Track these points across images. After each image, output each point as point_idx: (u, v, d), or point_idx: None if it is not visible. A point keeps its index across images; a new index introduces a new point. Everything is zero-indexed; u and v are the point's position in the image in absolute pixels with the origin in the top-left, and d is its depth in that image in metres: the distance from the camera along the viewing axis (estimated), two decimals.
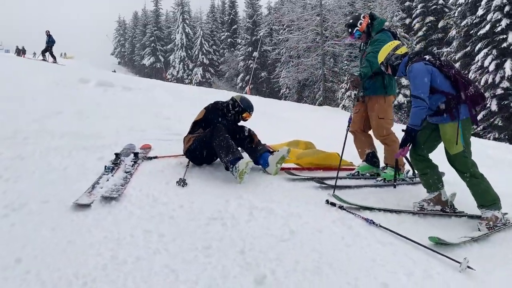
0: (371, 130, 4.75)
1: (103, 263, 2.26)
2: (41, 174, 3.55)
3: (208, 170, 4.16)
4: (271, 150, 4.52)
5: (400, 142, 3.67)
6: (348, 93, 25.61)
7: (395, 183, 4.26)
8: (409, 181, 4.63)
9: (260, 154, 4.36)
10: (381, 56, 3.82)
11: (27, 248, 2.34)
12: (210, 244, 2.60)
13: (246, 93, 29.63)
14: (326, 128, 10.15)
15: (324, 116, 14.11)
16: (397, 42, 3.86)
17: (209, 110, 4.43)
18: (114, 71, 38.69)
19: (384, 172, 4.61)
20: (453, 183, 4.04)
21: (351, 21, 4.68)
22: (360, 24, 4.57)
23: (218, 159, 4.17)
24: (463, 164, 3.47)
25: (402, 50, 3.76)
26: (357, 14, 4.78)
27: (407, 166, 4.70)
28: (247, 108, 4.55)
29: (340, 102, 26.20)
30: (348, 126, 4.42)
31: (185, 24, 57.85)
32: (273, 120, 9.67)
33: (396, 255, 2.67)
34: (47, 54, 21.35)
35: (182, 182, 3.62)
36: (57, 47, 22.51)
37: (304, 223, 3.02)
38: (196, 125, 4.43)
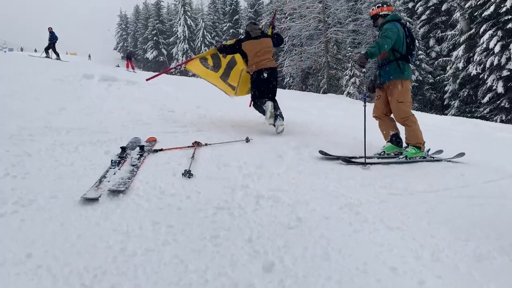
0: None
1: (113, 256, 2.28)
2: (49, 170, 3.57)
3: (213, 162, 4.17)
4: None
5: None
6: (352, 80, 25.49)
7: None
8: (430, 159, 4.96)
9: None
10: None
11: (37, 243, 2.36)
12: (218, 233, 2.61)
13: None
14: (332, 115, 10.12)
15: (329, 103, 14.04)
16: None
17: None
18: (118, 66, 38.75)
19: (406, 151, 4.91)
20: None
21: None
22: (372, 9, 5.12)
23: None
24: None
25: None
26: (379, 2, 5.18)
27: (428, 145, 5.07)
28: None
29: (345, 89, 26.09)
30: (365, 104, 4.78)
31: (186, 17, 57.66)
32: None
33: (404, 239, 2.66)
34: (50, 51, 21.38)
35: (188, 174, 3.63)
36: (61, 45, 22.51)
37: (312, 210, 3.03)
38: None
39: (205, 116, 6.97)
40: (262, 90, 5.97)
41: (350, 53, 26.90)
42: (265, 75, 5.90)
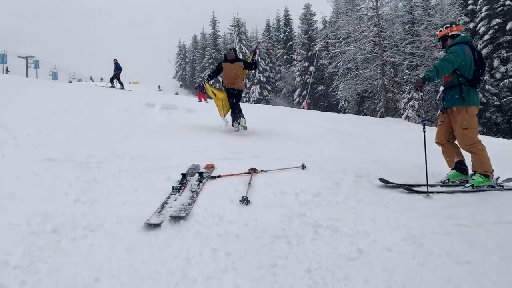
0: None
1: (175, 282, 2.33)
2: (115, 195, 3.75)
3: (270, 189, 4.17)
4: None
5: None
6: (411, 103, 24.75)
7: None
8: (499, 188, 4.63)
9: None
10: None
11: (105, 267, 2.47)
12: (276, 262, 2.60)
13: (303, 108, 29.60)
14: (390, 140, 9.85)
15: (386, 127, 13.67)
16: None
17: None
18: (177, 94, 40.40)
19: (473, 179, 4.64)
20: None
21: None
22: (440, 31, 4.93)
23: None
24: None
25: None
26: (447, 22, 5.06)
27: (496, 173, 4.74)
28: None
29: (403, 112, 25.36)
30: (424, 129, 4.64)
31: (241, 45, 59.17)
32: (334, 135, 9.54)
33: (474, 275, 2.51)
34: (115, 80, 22.72)
35: (245, 201, 3.67)
36: (124, 75, 23.88)
37: (373, 241, 2.94)
38: None
39: (260, 142, 7.05)
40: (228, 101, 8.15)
41: (407, 76, 26.24)
42: (233, 92, 8.08)
